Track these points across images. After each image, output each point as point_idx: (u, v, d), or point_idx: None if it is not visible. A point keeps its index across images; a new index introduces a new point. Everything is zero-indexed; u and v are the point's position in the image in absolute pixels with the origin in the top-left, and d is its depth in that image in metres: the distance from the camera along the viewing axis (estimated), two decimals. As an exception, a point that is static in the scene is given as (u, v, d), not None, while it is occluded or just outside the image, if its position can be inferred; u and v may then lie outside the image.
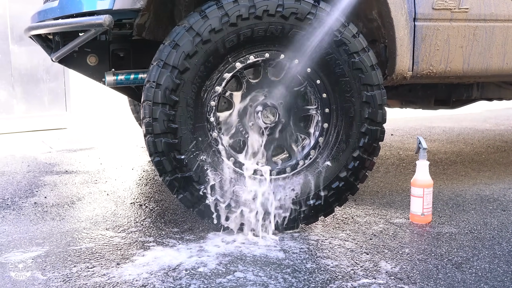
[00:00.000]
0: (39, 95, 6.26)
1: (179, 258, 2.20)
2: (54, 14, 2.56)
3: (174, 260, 2.18)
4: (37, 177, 3.74)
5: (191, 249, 2.30)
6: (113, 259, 2.20)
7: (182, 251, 2.27)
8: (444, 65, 2.77)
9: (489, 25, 2.80)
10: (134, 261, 2.18)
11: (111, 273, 2.06)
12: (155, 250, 2.30)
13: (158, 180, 3.55)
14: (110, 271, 2.08)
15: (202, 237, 2.44)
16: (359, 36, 2.42)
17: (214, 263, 2.15)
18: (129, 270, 2.09)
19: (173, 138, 2.27)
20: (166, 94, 2.25)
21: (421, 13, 2.66)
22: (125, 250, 2.30)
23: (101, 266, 2.13)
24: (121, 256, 2.23)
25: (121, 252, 2.28)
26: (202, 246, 2.33)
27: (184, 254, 2.24)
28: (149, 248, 2.32)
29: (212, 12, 2.26)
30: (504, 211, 2.81)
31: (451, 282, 1.96)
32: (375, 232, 2.50)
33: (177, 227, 2.59)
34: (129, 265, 2.14)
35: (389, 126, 5.74)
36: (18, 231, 2.57)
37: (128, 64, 2.91)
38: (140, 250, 2.30)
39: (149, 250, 2.29)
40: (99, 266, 2.13)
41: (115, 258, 2.21)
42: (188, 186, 2.32)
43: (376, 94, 2.44)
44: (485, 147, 4.63)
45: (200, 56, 2.27)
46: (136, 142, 5.13)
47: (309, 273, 2.05)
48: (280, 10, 2.29)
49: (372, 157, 2.49)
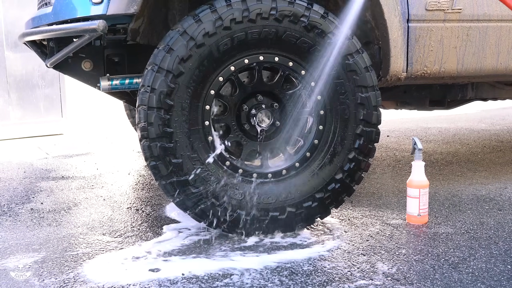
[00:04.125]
0: (34, 101, 6.25)
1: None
2: (48, 20, 2.56)
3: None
4: (33, 183, 3.74)
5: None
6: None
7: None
8: (438, 66, 2.78)
9: (482, 25, 2.81)
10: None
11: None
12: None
13: (154, 184, 3.55)
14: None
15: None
16: (353, 38, 2.43)
17: (212, 267, 2.15)
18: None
19: (169, 142, 2.27)
20: (161, 98, 2.25)
21: (415, 14, 2.67)
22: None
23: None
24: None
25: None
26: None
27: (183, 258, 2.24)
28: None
29: (205, 16, 2.26)
30: (501, 211, 2.82)
31: (448, 282, 1.97)
32: (372, 233, 2.50)
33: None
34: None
35: (384, 128, 5.75)
36: (15, 237, 2.56)
37: (123, 69, 2.91)
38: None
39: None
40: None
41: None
42: (184, 190, 2.32)
43: (370, 95, 2.45)
44: (481, 147, 4.64)
45: (194, 60, 2.27)
46: (132, 147, 5.12)
47: (306, 275, 2.06)
48: (274, 13, 2.30)
49: (368, 158, 2.49)
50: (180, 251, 2.32)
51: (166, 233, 2.55)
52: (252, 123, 2.44)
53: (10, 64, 6.09)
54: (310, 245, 2.37)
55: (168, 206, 3.00)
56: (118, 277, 2.06)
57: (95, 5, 2.34)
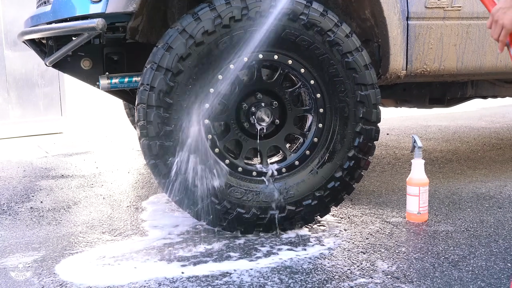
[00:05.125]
0: (34, 100, 6.25)
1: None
2: (47, 18, 2.55)
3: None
4: (33, 182, 3.73)
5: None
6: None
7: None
8: (438, 64, 2.77)
9: (482, 23, 2.80)
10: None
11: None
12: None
13: (154, 183, 3.55)
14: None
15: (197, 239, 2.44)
16: (352, 36, 2.42)
17: (211, 266, 2.14)
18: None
19: (168, 140, 2.27)
20: (160, 96, 2.24)
21: (414, 12, 2.67)
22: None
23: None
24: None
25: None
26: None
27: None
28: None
29: (204, 14, 2.26)
30: (500, 209, 2.82)
31: (448, 280, 1.97)
32: (372, 232, 2.50)
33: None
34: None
35: (384, 126, 5.75)
36: (14, 236, 2.56)
37: (122, 67, 2.90)
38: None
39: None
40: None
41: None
42: (184, 188, 2.32)
43: (370, 93, 2.44)
44: (481, 145, 4.64)
45: (194, 58, 2.26)
46: (132, 145, 5.12)
47: (306, 273, 2.05)
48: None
49: (368, 156, 2.49)
50: (179, 250, 2.31)
51: (166, 232, 2.55)
52: (251, 121, 2.44)
53: (9, 63, 6.09)
54: (309, 243, 2.37)
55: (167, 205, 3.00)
56: (117, 276, 2.06)
57: (94, 3, 2.33)
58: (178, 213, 2.79)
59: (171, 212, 2.85)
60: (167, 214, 2.82)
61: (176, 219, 2.72)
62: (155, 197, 3.19)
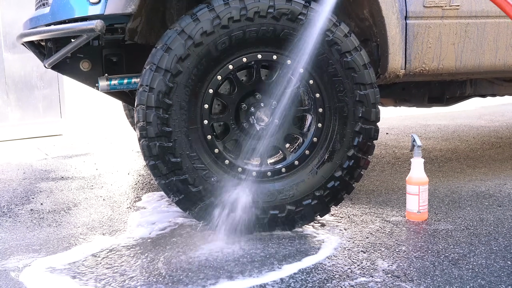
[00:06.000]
0: (33, 102, 6.25)
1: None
2: (46, 20, 2.56)
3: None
4: (33, 184, 3.74)
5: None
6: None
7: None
8: (436, 63, 2.78)
9: (481, 22, 2.81)
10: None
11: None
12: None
13: (154, 184, 3.55)
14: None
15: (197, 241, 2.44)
16: (351, 36, 2.43)
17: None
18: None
19: (168, 141, 2.27)
20: (159, 97, 2.25)
21: (412, 11, 2.67)
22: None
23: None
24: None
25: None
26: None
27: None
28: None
29: (203, 15, 2.26)
30: (500, 207, 2.82)
31: (448, 279, 1.97)
32: (372, 231, 2.50)
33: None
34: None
35: (384, 125, 5.76)
36: (15, 238, 2.56)
37: (121, 68, 2.90)
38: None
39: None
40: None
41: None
42: (184, 189, 2.32)
43: (369, 93, 2.45)
44: (480, 143, 4.65)
45: (193, 59, 2.27)
46: (132, 146, 5.12)
47: (306, 273, 2.06)
48: (271, 11, 2.30)
49: (367, 156, 2.50)
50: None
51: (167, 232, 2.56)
52: (250, 121, 2.44)
53: (8, 65, 6.09)
54: (309, 243, 2.37)
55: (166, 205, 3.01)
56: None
57: (92, 5, 2.33)
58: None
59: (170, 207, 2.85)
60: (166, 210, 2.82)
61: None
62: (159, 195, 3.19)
